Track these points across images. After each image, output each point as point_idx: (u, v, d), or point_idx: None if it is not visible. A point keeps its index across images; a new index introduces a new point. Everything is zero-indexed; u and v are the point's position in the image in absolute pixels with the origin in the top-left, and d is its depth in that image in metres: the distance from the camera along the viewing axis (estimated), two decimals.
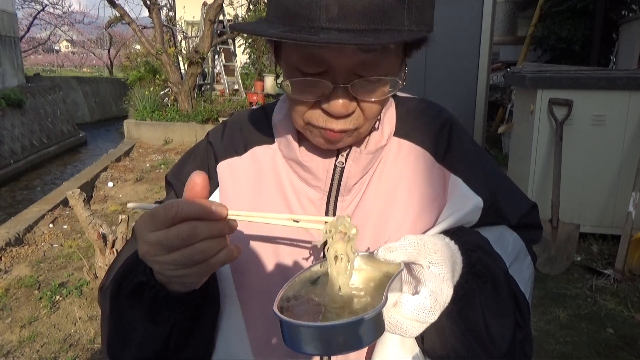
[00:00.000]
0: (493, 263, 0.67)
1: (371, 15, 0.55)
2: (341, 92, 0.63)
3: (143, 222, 0.55)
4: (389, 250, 0.57)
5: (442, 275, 0.57)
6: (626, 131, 3.79)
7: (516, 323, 0.67)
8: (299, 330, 0.47)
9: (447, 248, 0.60)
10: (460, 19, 5.82)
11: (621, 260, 3.46)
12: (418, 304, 0.55)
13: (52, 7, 22.73)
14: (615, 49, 7.80)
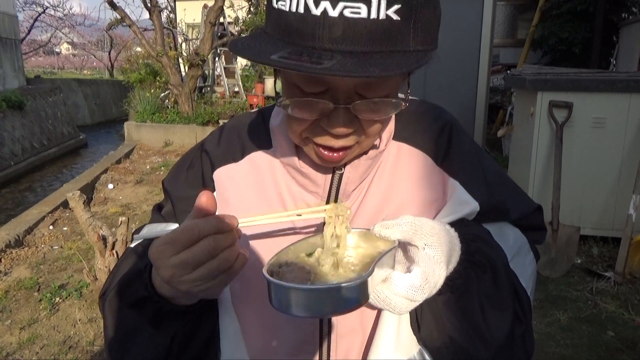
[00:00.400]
0: (493, 254, 0.67)
1: (376, 37, 0.54)
2: (342, 112, 0.61)
3: (161, 249, 0.56)
4: (385, 227, 0.58)
5: (436, 258, 0.58)
6: (626, 134, 3.78)
7: (515, 316, 0.67)
8: (284, 291, 0.49)
9: (445, 233, 0.61)
10: (460, 21, 5.83)
11: (621, 263, 3.45)
12: (408, 281, 0.56)
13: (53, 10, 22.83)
14: (616, 51, 7.81)
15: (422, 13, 0.56)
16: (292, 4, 0.55)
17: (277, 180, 0.77)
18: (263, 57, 0.55)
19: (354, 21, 0.53)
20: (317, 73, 0.51)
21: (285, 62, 0.53)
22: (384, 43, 0.54)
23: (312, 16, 0.54)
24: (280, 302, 0.50)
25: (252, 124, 0.83)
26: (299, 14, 0.55)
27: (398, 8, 0.53)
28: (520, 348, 0.67)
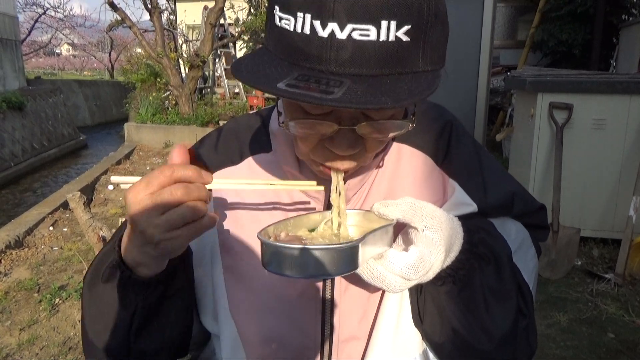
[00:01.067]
0: (496, 245, 0.67)
1: (385, 59, 0.51)
2: (347, 134, 0.59)
3: (136, 188, 0.57)
4: (384, 205, 0.59)
5: (435, 240, 0.58)
6: (626, 135, 3.78)
7: (519, 309, 0.67)
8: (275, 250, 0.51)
9: (447, 218, 0.61)
10: (460, 23, 5.83)
11: (622, 265, 3.45)
12: (403, 259, 0.56)
13: (53, 11, 22.82)
14: (616, 53, 7.81)
15: (431, 32, 0.53)
16: (297, 24, 0.52)
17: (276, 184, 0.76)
18: (269, 85, 0.52)
19: (363, 44, 0.50)
20: (329, 105, 0.49)
21: (293, 92, 0.50)
22: (394, 66, 0.52)
23: (318, 38, 0.51)
24: (270, 261, 0.51)
25: (251, 127, 0.81)
26: (304, 35, 0.52)
27: (408, 29, 0.51)
28: (524, 341, 0.67)
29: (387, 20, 0.50)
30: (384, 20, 0.50)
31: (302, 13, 0.51)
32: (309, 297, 0.72)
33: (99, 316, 0.69)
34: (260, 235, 0.53)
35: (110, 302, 0.66)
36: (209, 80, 12.08)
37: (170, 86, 9.93)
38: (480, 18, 5.93)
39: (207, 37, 9.66)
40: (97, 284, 0.68)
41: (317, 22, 0.51)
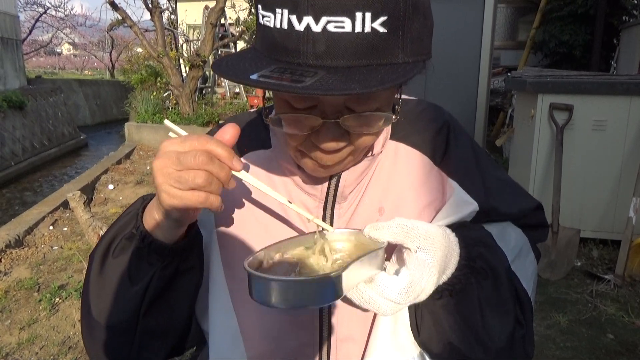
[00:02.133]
0: (495, 259, 0.67)
1: (361, 51, 0.52)
2: (331, 127, 0.60)
3: (172, 140, 0.60)
4: (375, 229, 0.58)
5: (427, 262, 0.57)
6: (627, 136, 3.79)
7: (516, 320, 0.67)
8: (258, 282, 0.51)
9: (443, 238, 0.60)
10: (461, 23, 5.83)
11: (621, 266, 3.45)
12: (393, 283, 0.56)
13: (54, 10, 22.83)
14: (616, 54, 7.82)
15: (410, 24, 0.54)
16: (277, 20, 0.54)
17: (275, 181, 0.76)
18: (242, 76, 0.54)
19: (338, 36, 0.51)
20: (296, 92, 0.50)
21: (264, 82, 0.51)
22: (371, 57, 0.52)
23: (295, 32, 0.52)
24: (254, 291, 0.51)
25: (252, 124, 0.82)
26: (283, 30, 0.53)
27: (384, 20, 0.51)
28: (520, 350, 0.67)
29: (361, 12, 0.50)
30: (358, 11, 0.50)
31: (280, 9, 0.53)
32: None
33: (106, 293, 0.68)
34: (247, 264, 0.53)
35: (120, 276, 0.66)
36: (210, 80, 12.08)
37: (170, 86, 9.93)
38: (480, 19, 5.94)
39: (207, 36, 9.66)
40: (107, 259, 0.68)
41: (294, 17, 0.52)
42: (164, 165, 0.58)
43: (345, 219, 0.73)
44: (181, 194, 0.57)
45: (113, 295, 0.67)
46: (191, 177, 0.56)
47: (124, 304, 0.67)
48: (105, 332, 0.68)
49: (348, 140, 0.62)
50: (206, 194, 0.58)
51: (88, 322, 0.70)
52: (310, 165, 0.67)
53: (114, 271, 0.66)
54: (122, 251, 0.66)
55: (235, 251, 0.74)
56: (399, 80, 0.52)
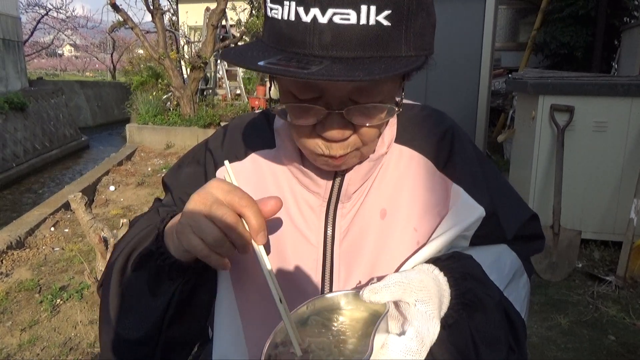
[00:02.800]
0: (484, 292, 0.67)
1: (366, 42, 0.54)
2: (336, 118, 0.61)
3: (222, 185, 0.60)
4: (374, 292, 0.57)
5: (428, 313, 0.58)
6: (628, 137, 3.78)
7: (509, 347, 0.67)
8: None
9: (433, 284, 0.61)
10: (461, 25, 5.83)
11: (623, 267, 3.45)
12: (405, 345, 0.56)
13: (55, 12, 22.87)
14: (617, 55, 7.81)
15: (414, 19, 0.56)
16: (284, 12, 0.56)
17: (279, 180, 0.77)
18: (250, 63, 0.56)
19: (344, 27, 0.53)
20: (302, 78, 0.52)
21: (271, 68, 0.54)
22: (375, 48, 0.54)
23: (302, 23, 0.54)
24: None
25: (256, 124, 0.83)
26: (290, 22, 0.55)
27: (388, 14, 0.54)
28: None
29: (366, 5, 0.53)
30: (363, 4, 0.53)
31: (287, 1, 0.55)
32: None
33: (128, 306, 0.68)
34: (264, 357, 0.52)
35: (142, 290, 0.66)
36: (211, 82, 12.09)
37: (171, 87, 9.94)
38: (481, 20, 5.94)
39: (208, 38, 9.68)
40: (126, 272, 0.68)
41: (301, 9, 0.54)
42: (198, 202, 0.59)
43: (348, 219, 0.74)
44: (191, 237, 0.59)
45: (135, 308, 0.67)
46: (207, 231, 0.58)
47: (147, 317, 0.67)
48: (128, 344, 0.68)
49: (352, 131, 0.64)
50: (210, 251, 0.59)
51: (109, 333, 0.70)
52: (322, 163, 0.69)
53: (135, 285, 0.67)
54: (141, 266, 0.67)
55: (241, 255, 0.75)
56: (402, 69, 0.55)
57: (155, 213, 0.79)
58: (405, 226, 0.73)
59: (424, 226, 0.73)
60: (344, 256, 0.73)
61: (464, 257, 0.71)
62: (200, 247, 0.58)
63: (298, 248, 0.74)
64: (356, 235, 0.73)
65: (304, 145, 0.67)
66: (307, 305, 0.60)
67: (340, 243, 0.73)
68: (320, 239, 0.73)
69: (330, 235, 0.73)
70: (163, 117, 9.87)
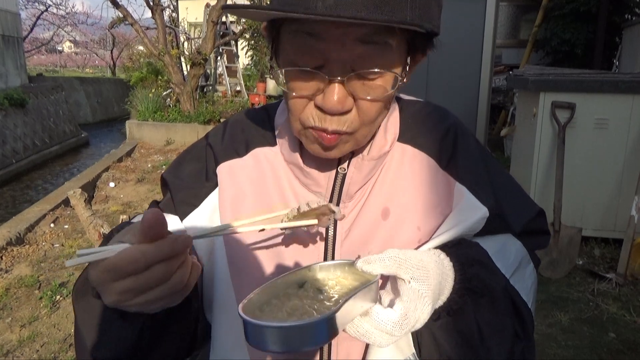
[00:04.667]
0: (490, 278, 0.66)
1: (370, 4, 0.53)
2: (337, 87, 0.60)
3: (103, 277, 0.51)
4: (367, 262, 0.57)
5: (421, 292, 0.57)
6: (629, 135, 3.78)
7: (515, 335, 0.67)
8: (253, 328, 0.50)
9: (436, 266, 0.60)
10: (463, 22, 5.82)
11: (623, 264, 3.44)
12: (387, 316, 0.55)
13: (55, 8, 22.83)
14: (619, 52, 7.79)
15: None
16: None
17: (279, 178, 0.76)
18: (254, 14, 0.56)
19: None
20: (306, 14, 0.52)
21: (275, 13, 0.54)
22: (379, 10, 0.54)
23: None
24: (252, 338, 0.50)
25: (257, 120, 0.82)
26: None
27: None
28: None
29: None
30: None
31: None
32: None
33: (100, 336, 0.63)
34: (241, 310, 0.52)
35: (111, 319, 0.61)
36: (211, 78, 12.07)
37: (171, 84, 9.93)
38: (482, 17, 5.92)
39: (209, 34, 9.66)
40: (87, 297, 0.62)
41: None
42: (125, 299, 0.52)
43: (350, 219, 0.73)
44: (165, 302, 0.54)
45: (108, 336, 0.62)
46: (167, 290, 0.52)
47: (121, 343, 0.63)
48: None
49: (352, 105, 0.62)
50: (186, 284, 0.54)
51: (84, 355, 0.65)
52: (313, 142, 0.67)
53: (102, 313, 0.61)
54: None
55: (240, 248, 0.74)
56: (407, 25, 0.54)
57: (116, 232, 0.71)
58: (408, 225, 0.72)
59: (427, 225, 0.72)
60: (346, 256, 0.72)
61: (471, 244, 0.70)
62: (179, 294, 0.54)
63: (299, 249, 0.72)
64: (358, 235, 0.72)
65: (298, 118, 0.65)
66: (305, 270, 0.61)
67: (342, 243, 0.72)
68: (322, 240, 0.72)
69: (331, 235, 0.72)
70: (163, 114, 9.86)
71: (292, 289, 0.59)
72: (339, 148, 0.67)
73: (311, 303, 0.57)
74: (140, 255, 0.49)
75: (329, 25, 0.56)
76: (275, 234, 0.73)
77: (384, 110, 0.67)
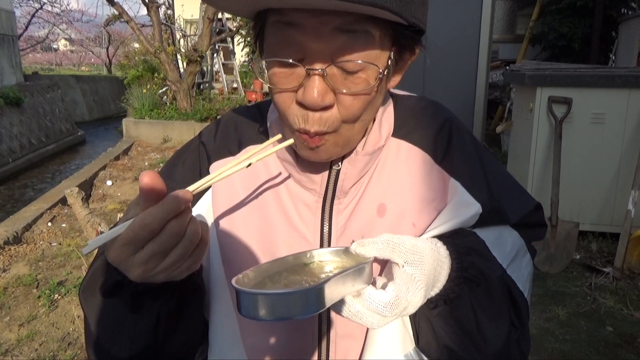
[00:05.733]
0: (487, 267, 0.67)
1: None
2: (317, 80, 0.58)
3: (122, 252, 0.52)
4: (361, 245, 0.59)
5: (414, 276, 0.58)
6: (625, 129, 3.78)
7: (511, 323, 0.68)
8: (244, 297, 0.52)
9: (430, 252, 0.61)
10: (459, 17, 5.81)
11: (620, 258, 3.46)
12: (378, 297, 0.56)
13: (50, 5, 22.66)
14: (615, 46, 7.80)
15: None
16: None
17: (273, 176, 0.75)
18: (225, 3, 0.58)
19: None
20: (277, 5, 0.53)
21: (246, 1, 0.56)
22: None
23: None
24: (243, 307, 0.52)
25: (250, 118, 0.81)
26: None
27: None
28: (516, 351, 0.68)
29: None
30: None
31: None
32: None
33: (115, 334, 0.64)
34: (234, 282, 0.53)
35: (122, 314, 0.62)
36: (207, 75, 12.05)
37: (168, 81, 9.91)
38: (479, 12, 5.91)
39: (205, 31, 9.63)
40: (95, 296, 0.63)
41: None
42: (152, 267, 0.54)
43: (345, 216, 0.72)
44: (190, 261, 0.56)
45: (123, 332, 0.63)
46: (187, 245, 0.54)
47: (137, 338, 0.63)
48: None
49: (333, 100, 0.60)
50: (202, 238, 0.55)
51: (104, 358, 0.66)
52: (302, 147, 0.66)
53: (114, 310, 0.62)
54: (113, 293, 0.61)
55: (234, 248, 0.74)
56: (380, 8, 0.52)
57: None
58: (404, 222, 0.72)
59: (422, 221, 0.72)
60: None
61: (468, 234, 0.71)
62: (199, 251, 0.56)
63: (294, 246, 0.72)
64: (354, 231, 0.72)
65: (286, 118, 0.64)
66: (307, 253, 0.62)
67: (337, 240, 0.72)
68: (317, 236, 0.72)
69: (326, 232, 0.72)
70: (160, 112, 9.84)
71: (296, 267, 0.61)
72: (327, 150, 0.66)
73: (309, 279, 0.58)
74: (150, 218, 0.50)
75: (306, 13, 0.55)
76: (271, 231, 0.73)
77: (369, 108, 0.64)
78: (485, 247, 0.70)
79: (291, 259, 0.61)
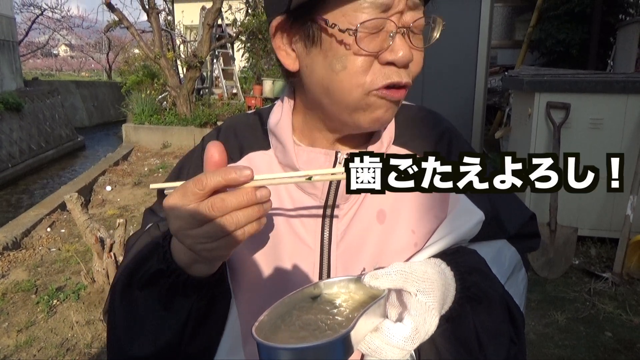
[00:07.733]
0: (488, 285, 0.68)
1: None
2: (405, 38, 0.62)
3: (174, 200, 0.56)
4: (375, 278, 0.58)
5: (428, 305, 0.58)
6: (623, 134, 3.79)
7: (510, 340, 0.68)
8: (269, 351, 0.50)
9: (439, 276, 0.61)
10: (458, 23, 5.84)
11: (619, 264, 3.46)
12: (398, 331, 0.56)
13: (50, 11, 22.77)
14: (613, 52, 7.83)
15: None
16: None
17: None
18: None
19: None
20: None
21: None
22: None
23: None
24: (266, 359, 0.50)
25: (250, 125, 0.82)
26: None
27: None
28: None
29: None
30: None
31: None
32: None
33: (140, 327, 0.65)
34: (254, 332, 0.52)
35: (154, 308, 0.64)
36: (207, 81, 12.06)
37: (168, 87, 9.92)
38: (477, 18, 5.94)
39: (204, 37, 9.65)
40: (132, 292, 0.65)
41: None
42: (180, 228, 0.56)
43: (345, 222, 0.73)
44: (217, 244, 0.56)
45: (147, 326, 0.65)
46: (218, 229, 0.55)
47: (161, 332, 0.65)
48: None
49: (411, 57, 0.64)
50: (242, 230, 0.56)
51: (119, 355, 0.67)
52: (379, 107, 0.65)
53: (144, 303, 0.64)
54: (150, 284, 0.64)
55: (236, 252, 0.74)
56: None
57: (155, 229, 0.76)
58: (403, 228, 0.72)
59: (421, 228, 0.72)
60: (342, 259, 0.72)
61: (469, 252, 0.71)
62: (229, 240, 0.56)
63: (295, 251, 0.72)
64: (354, 237, 0.72)
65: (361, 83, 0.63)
66: (314, 287, 0.61)
67: (338, 246, 0.72)
68: (318, 242, 0.72)
69: (327, 237, 0.72)
70: (159, 117, 9.85)
71: (306, 302, 0.59)
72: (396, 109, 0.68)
73: (324, 318, 0.57)
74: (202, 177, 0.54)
75: None
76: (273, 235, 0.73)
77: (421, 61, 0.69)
78: (486, 266, 0.71)
79: (299, 295, 0.59)
